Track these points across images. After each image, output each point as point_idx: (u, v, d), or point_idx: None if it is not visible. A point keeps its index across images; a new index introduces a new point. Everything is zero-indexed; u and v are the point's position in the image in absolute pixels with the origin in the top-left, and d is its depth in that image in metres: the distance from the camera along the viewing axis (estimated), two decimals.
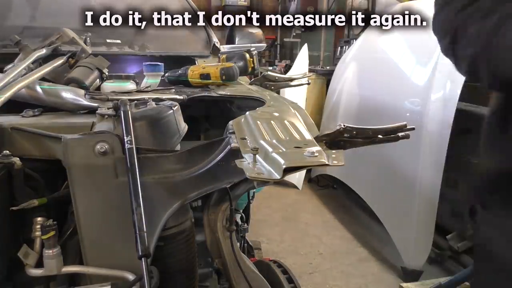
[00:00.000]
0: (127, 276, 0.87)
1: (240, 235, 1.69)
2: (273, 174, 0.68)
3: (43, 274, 0.86)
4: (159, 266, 0.91)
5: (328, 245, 2.94)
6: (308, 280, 2.52)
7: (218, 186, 0.92)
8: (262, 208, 3.51)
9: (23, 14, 1.72)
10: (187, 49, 1.89)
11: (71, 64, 1.31)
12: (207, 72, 1.45)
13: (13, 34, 1.31)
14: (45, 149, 0.97)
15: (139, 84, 1.40)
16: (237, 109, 1.40)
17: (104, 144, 0.86)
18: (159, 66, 1.46)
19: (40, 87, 1.12)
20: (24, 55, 1.26)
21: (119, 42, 1.74)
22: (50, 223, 0.84)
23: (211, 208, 1.11)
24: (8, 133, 0.97)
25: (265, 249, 2.70)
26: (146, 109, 0.98)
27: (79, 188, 0.87)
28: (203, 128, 1.58)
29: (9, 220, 0.90)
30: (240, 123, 0.98)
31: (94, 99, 1.11)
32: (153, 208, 0.89)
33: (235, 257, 1.11)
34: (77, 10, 1.46)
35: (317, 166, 0.70)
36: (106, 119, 0.98)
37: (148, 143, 0.93)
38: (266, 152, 0.74)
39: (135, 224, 0.82)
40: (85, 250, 0.90)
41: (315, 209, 3.60)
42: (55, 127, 1.00)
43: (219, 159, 0.90)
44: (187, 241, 0.99)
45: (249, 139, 0.85)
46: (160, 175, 0.90)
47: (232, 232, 1.11)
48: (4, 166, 0.88)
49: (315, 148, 0.75)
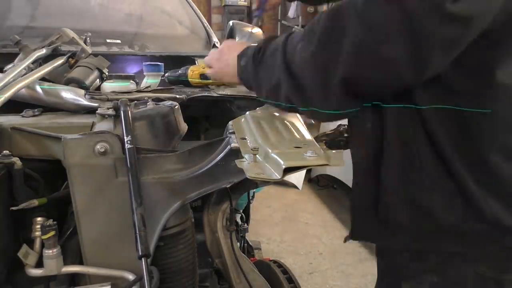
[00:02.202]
0: (127, 276, 0.87)
1: (240, 235, 1.69)
2: (273, 174, 0.68)
3: (43, 274, 0.86)
4: (159, 266, 0.91)
5: (328, 245, 2.94)
6: (308, 280, 2.52)
7: (218, 186, 0.92)
8: (262, 208, 3.51)
9: (23, 14, 1.72)
10: (187, 49, 1.89)
11: (71, 64, 1.30)
12: (207, 72, 1.44)
13: (13, 34, 1.31)
14: (45, 149, 0.97)
15: (139, 84, 1.40)
16: (237, 109, 1.40)
17: (104, 144, 0.86)
18: (159, 66, 1.46)
19: (40, 87, 1.12)
20: (24, 55, 1.26)
21: (119, 42, 1.74)
22: (50, 223, 0.84)
23: (211, 208, 1.11)
24: (8, 133, 0.97)
25: (265, 249, 2.70)
26: (146, 109, 0.98)
27: (79, 188, 0.87)
28: (203, 128, 1.58)
29: (9, 220, 0.90)
30: (240, 123, 0.98)
31: (94, 99, 1.11)
32: (153, 208, 0.89)
33: (235, 257, 1.11)
34: (77, 10, 1.46)
35: (317, 166, 0.70)
36: (106, 119, 0.98)
37: (148, 143, 0.93)
38: (266, 152, 0.74)
39: (135, 224, 0.82)
40: (85, 250, 0.90)
41: (315, 209, 3.60)
42: (55, 127, 1.00)
43: (219, 159, 0.90)
44: (187, 241, 0.99)
45: (249, 139, 0.85)
46: (160, 175, 0.90)
47: (232, 232, 1.11)
48: (4, 166, 0.88)
49: (315, 148, 0.75)
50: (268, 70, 0.78)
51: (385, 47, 0.61)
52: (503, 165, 0.71)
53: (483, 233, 0.74)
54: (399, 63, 0.62)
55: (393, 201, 0.76)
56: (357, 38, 0.63)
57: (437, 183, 0.72)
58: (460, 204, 0.72)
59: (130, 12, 1.97)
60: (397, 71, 0.64)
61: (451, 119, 0.70)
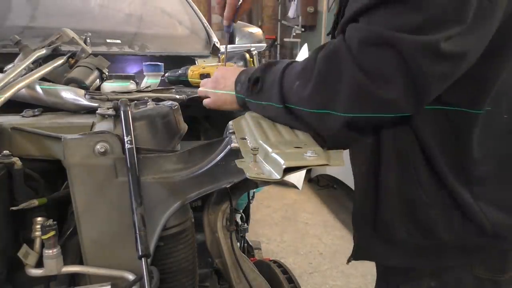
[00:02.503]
0: (127, 276, 0.87)
1: (240, 235, 1.69)
2: (273, 174, 0.68)
3: (43, 274, 0.85)
4: (159, 266, 0.91)
5: (328, 245, 2.94)
6: (308, 280, 2.52)
7: (218, 186, 0.92)
8: (262, 208, 3.51)
9: (23, 14, 1.72)
10: (187, 49, 1.89)
11: (71, 64, 1.30)
12: (207, 72, 1.44)
13: (13, 34, 1.31)
14: (45, 149, 0.97)
15: (139, 84, 1.40)
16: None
17: (104, 144, 0.86)
18: (159, 66, 1.46)
19: (40, 87, 1.12)
20: (24, 55, 1.26)
21: (119, 42, 1.74)
22: (50, 223, 0.84)
23: (211, 208, 1.11)
24: (8, 133, 0.97)
25: (265, 249, 2.70)
26: (146, 109, 0.98)
27: (79, 188, 0.87)
28: (203, 128, 1.58)
29: (9, 220, 0.90)
30: (240, 123, 0.98)
31: (94, 99, 1.10)
32: (153, 208, 0.89)
33: (235, 257, 1.11)
34: (77, 10, 1.46)
35: (317, 166, 0.70)
36: (106, 119, 0.98)
37: (148, 143, 0.93)
38: (266, 152, 0.74)
39: (135, 224, 0.82)
40: (85, 250, 0.90)
41: (315, 209, 3.60)
42: (55, 127, 1.00)
43: (219, 159, 0.90)
44: (187, 241, 0.99)
45: (249, 139, 0.85)
46: (160, 175, 0.90)
47: (232, 232, 1.11)
48: (4, 166, 0.88)
49: (315, 148, 0.75)
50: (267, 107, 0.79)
51: (383, 90, 0.62)
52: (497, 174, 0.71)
53: (483, 245, 0.75)
54: (399, 102, 0.63)
55: (392, 217, 0.76)
56: (355, 81, 0.63)
57: (434, 198, 0.72)
58: (460, 219, 0.72)
59: (130, 12, 1.97)
60: (397, 108, 0.65)
61: (442, 132, 0.71)
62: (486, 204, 0.71)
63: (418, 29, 0.58)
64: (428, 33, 0.58)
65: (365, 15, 0.63)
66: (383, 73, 0.61)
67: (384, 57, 0.60)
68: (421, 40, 0.58)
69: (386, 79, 0.61)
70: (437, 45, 0.58)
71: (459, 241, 0.74)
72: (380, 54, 0.61)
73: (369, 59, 0.62)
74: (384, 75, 0.61)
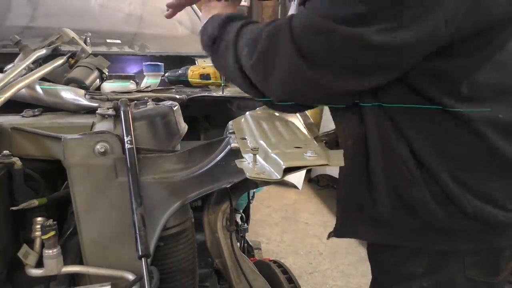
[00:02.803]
0: (127, 276, 0.87)
1: (240, 235, 1.69)
2: (273, 174, 0.68)
3: (43, 274, 0.86)
4: (159, 266, 0.91)
5: (328, 245, 2.94)
6: (308, 280, 2.52)
7: (218, 186, 0.92)
8: (262, 208, 3.51)
9: (23, 14, 1.72)
10: (187, 49, 1.89)
11: (71, 64, 1.30)
12: (207, 72, 1.44)
13: (13, 34, 1.31)
14: (45, 149, 0.97)
15: (139, 84, 1.40)
16: (237, 109, 1.40)
17: (104, 144, 0.86)
18: (159, 66, 1.46)
19: (40, 87, 1.12)
20: (24, 55, 1.26)
21: (119, 42, 1.74)
22: (50, 223, 0.84)
23: (211, 208, 1.11)
24: (8, 133, 0.97)
25: (265, 249, 2.70)
26: (146, 109, 0.98)
27: (79, 188, 0.87)
28: (203, 128, 1.58)
29: (9, 220, 0.90)
30: (240, 123, 0.98)
31: (94, 99, 1.11)
32: (153, 208, 0.89)
33: (235, 257, 1.11)
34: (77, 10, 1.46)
35: (317, 166, 0.70)
36: (106, 119, 0.98)
37: (148, 143, 0.93)
38: (266, 152, 0.74)
39: (135, 224, 0.82)
40: (85, 250, 0.90)
41: (315, 209, 3.60)
42: (55, 127, 1.00)
43: (219, 159, 0.90)
44: (187, 241, 0.99)
45: (249, 139, 0.85)
46: (160, 175, 0.90)
47: (232, 232, 1.11)
48: (4, 166, 0.88)
49: (315, 148, 0.75)
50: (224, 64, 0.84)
51: (317, 74, 0.68)
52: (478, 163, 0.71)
53: (470, 229, 0.75)
54: (329, 87, 0.70)
55: (379, 196, 0.76)
56: (291, 62, 0.69)
57: (418, 180, 0.73)
58: (444, 201, 0.72)
59: (130, 12, 1.97)
60: (325, 93, 0.72)
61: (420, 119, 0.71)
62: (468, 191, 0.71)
63: (352, 21, 0.63)
64: (362, 25, 0.63)
65: (311, 1, 0.69)
66: (317, 58, 0.67)
67: (319, 44, 0.66)
68: (353, 31, 0.63)
69: (319, 65, 0.67)
70: (367, 37, 0.62)
71: (441, 223, 0.74)
72: (315, 41, 0.66)
73: (306, 44, 0.67)
74: (318, 61, 0.67)
